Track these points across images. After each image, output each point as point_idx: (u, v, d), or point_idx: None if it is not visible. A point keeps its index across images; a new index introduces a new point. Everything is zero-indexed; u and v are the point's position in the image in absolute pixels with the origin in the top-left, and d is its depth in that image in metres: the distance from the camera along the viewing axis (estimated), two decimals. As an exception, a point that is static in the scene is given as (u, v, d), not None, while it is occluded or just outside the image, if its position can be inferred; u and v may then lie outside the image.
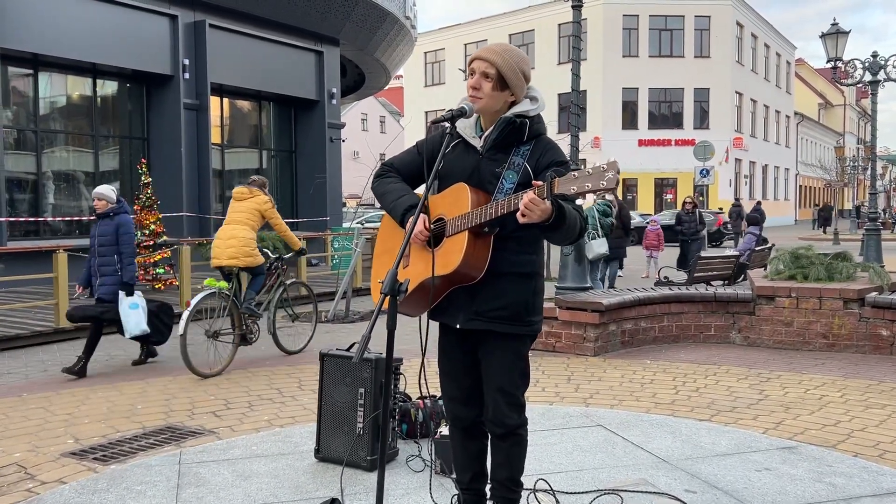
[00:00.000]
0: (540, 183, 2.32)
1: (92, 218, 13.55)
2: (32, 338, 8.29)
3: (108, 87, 15.29)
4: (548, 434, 4.38)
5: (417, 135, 49.18)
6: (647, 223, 16.78)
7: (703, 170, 25.48)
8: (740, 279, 11.40)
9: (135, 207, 12.37)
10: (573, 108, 8.22)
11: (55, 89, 14.47)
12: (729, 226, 28.30)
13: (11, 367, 7.32)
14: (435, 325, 2.80)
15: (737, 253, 11.78)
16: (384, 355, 3.37)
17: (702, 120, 41.75)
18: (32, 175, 13.93)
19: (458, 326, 2.72)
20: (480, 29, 45.68)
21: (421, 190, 2.76)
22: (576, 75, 8.15)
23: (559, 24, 40.45)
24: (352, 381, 3.49)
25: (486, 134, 2.71)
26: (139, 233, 11.96)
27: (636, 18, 40.76)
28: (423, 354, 2.70)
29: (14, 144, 13.74)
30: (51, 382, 6.64)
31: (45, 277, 8.98)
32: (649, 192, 41.27)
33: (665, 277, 10.22)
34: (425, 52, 48.35)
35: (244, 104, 18.22)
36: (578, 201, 2.63)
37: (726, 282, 10.93)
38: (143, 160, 13.00)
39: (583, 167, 2.29)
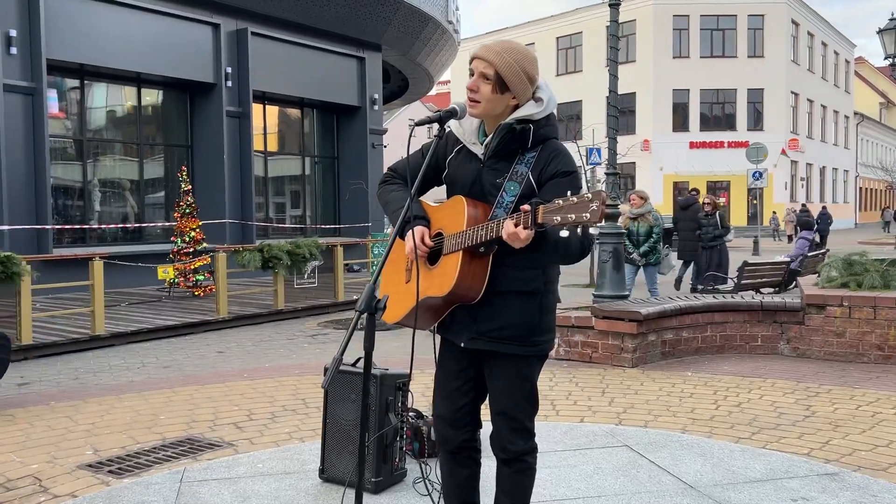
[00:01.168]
0: (527, 208, 2.15)
1: (136, 226, 13.73)
2: (68, 345, 8.35)
3: (153, 96, 15.50)
4: (568, 455, 4.14)
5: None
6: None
7: (755, 172, 24.77)
8: (791, 286, 10.92)
9: (175, 215, 12.47)
10: (610, 111, 7.94)
11: (101, 99, 14.71)
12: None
13: (45, 375, 7.36)
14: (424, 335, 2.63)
15: (787, 259, 11.30)
16: (390, 370, 3.19)
17: (756, 121, 40.70)
18: (79, 183, 14.17)
19: (462, 345, 2.54)
20: (527, 32, 45.35)
21: (427, 196, 2.60)
22: (613, 76, 7.88)
23: (608, 26, 39.96)
24: (357, 398, 3.32)
25: (487, 141, 2.50)
26: (179, 240, 12.07)
27: (686, 19, 39.97)
28: (411, 368, 2.51)
29: (61, 153, 14.00)
30: (80, 391, 6.64)
31: (84, 285, 9.03)
32: (701, 195, 40.31)
33: (710, 284, 9.83)
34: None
35: (286, 111, 18.30)
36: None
37: (776, 289, 10.49)
38: (184, 168, 13.10)
39: (577, 193, 2.07)
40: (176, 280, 12.06)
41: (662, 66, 39.64)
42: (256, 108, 16.68)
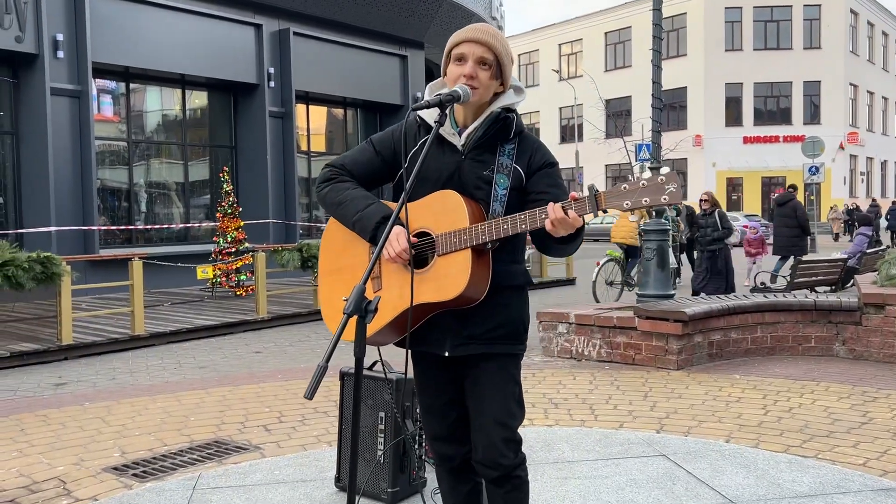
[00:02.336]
0: (577, 196, 2.04)
1: (180, 226, 13.83)
2: (108, 345, 8.39)
3: (197, 98, 15.63)
4: (601, 465, 3.91)
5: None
6: (748, 230, 15.42)
7: (812, 167, 23.96)
8: (849, 285, 10.43)
9: (217, 215, 12.52)
10: (655, 103, 7.65)
11: (146, 101, 14.89)
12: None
13: (83, 375, 7.39)
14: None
15: (845, 256, 10.80)
16: (406, 376, 3.02)
17: (812, 115, 39.50)
18: (125, 185, 14.36)
19: (446, 354, 2.32)
20: (575, 28, 44.85)
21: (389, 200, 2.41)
22: (657, 67, 7.59)
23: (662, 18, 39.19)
24: (374, 404, 3.16)
25: (469, 130, 2.31)
26: (220, 240, 12.11)
27: (739, 11, 38.99)
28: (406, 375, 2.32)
29: (108, 156, 14.20)
30: (115, 391, 6.63)
31: (125, 285, 9.08)
32: (756, 191, 39.35)
33: (762, 283, 9.43)
34: (519, 55, 47.87)
35: (329, 111, 18.30)
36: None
37: (832, 288, 10.02)
38: (225, 168, 13.15)
39: (632, 177, 1.96)
40: (218, 280, 12.11)
41: (714, 60, 38.74)
42: (299, 109, 16.71)
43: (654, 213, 7.93)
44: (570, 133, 43.77)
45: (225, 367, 7.64)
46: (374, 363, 3.32)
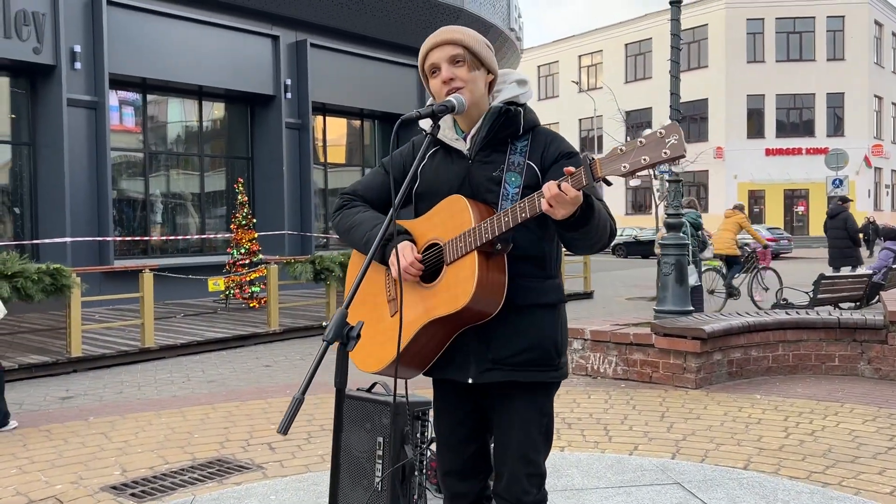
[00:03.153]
0: (573, 169, 1.81)
1: (195, 237, 13.80)
2: (117, 357, 8.33)
3: (214, 109, 15.64)
4: (611, 493, 3.73)
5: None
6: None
7: (835, 180, 23.58)
8: (874, 301, 10.15)
9: (231, 226, 12.47)
10: (673, 115, 7.49)
11: (163, 112, 14.92)
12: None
13: (90, 388, 7.32)
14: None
15: (870, 271, 10.52)
16: (407, 398, 2.88)
17: (836, 127, 39.01)
18: (141, 195, 14.37)
19: (469, 381, 2.14)
20: (594, 40, 44.69)
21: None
22: (675, 77, 7.43)
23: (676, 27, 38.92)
24: (372, 428, 3.02)
25: (472, 132, 2.17)
26: (234, 251, 12.05)
27: (761, 22, 38.67)
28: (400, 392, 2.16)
29: (124, 166, 14.23)
30: (121, 406, 6.55)
31: (135, 297, 9.02)
32: (778, 204, 38.90)
33: (784, 299, 9.19)
34: (538, 66, 47.79)
35: (346, 122, 18.27)
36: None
37: (857, 304, 9.75)
38: (240, 179, 13.12)
39: (631, 139, 1.74)
40: (231, 292, 12.04)
41: (736, 71, 38.42)
42: (316, 120, 16.68)
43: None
44: (589, 144, 43.55)
45: (233, 382, 7.53)
46: (374, 384, 3.19)
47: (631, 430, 5.28)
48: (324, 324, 10.43)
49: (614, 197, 41.13)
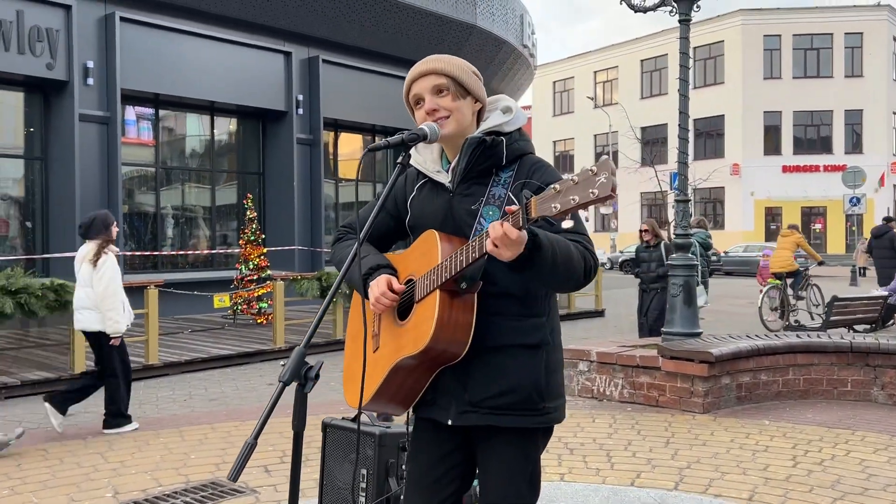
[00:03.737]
0: (514, 208, 1.72)
1: (205, 252, 13.82)
2: (121, 374, 8.26)
3: (226, 124, 15.71)
4: (606, 527, 3.64)
5: (546, 165, 48.45)
6: (761, 256, 14.93)
7: (853, 198, 23.36)
8: (889, 324, 9.96)
9: (240, 242, 12.47)
10: (681, 133, 7.39)
11: (175, 127, 14.99)
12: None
13: (90, 406, 7.26)
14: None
15: (885, 293, 10.33)
16: (391, 428, 2.79)
17: (854, 144, 38.66)
18: (152, 210, 14.41)
19: (449, 422, 2.05)
20: (610, 56, 44.64)
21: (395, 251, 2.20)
22: (684, 96, 7.34)
23: (694, 48, 38.78)
24: (356, 459, 2.93)
25: (452, 164, 2.10)
26: (243, 267, 12.04)
27: (778, 38, 38.47)
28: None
29: (136, 181, 14.28)
30: (120, 424, 6.48)
31: (140, 313, 8.98)
32: (795, 221, 38.26)
33: (796, 321, 9.01)
34: (553, 82, 47.79)
35: (358, 138, 18.28)
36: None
37: (872, 326, 9.56)
38: (249, 196, 13.13)
39: (567, 176, 1.65)
40: (239, 307, 12.02)
41: (753, 88, 38.20)
42: (328, 135, 16.69)
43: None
44: (604, 161, 43.36)
45: (235, 400, 7.47)
46: (358, 414, 3.10)
47: (634, 457, 5.15)
48: (334, 336, 10.36)
49: (629, 211, 40.94)
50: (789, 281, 12.39)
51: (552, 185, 1.67)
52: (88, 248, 6.23)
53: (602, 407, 6.71)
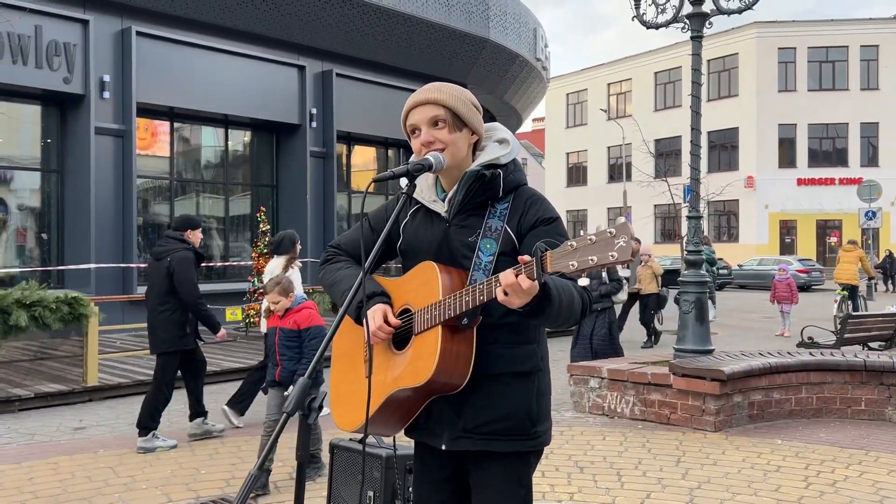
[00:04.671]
0: (527, 259, 1.74)
1: (219, 265, 13.85)
2: (133, 387, 8.32)
3: (240, 137, 15.82)
4: (614, 551, 3.62)
5: (558, 177, 48.49)
6: (777, 270, 14.38)
7: (868, 211, 23.17)
8: (905, 340, 9.85)
9: (253, 255, 12.52)
10: (693, 150, 7.37)
11: (189, 140, 15.11)
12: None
13: (103, 419, 7.31)
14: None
15: (900, 309, 10.23)
16: (398, 451, 2.79)
17: (870, 157, 38.38)
18: (166, 222, 14.51)
19: (443, 448, 2.08)
20: (623, 68, 44.62)
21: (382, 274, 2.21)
22: (696, 113, 7.33)
23: (709, 60, 38.68)
24: (363, 480, 2.94)
25: (449, 195, 2.11)
26: (255, 279, 12.08)
27: (793, 51, 38.32)
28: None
29: (151, 193, 14.39)
30: (132, 438, 6.48)
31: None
32: (810, 235, 38.26)
33: (809, 338, 8.95)
34: (567, 94, 47.80)
35: (372, 151, 18.35)
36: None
37: (887, 344, 9.47)
38: (262, 208, 13.20)
39: (583, 234, 1.65)
40: (252, 320, 12.05)
41: (767, 100, 38.05)
42: (341, 148, 16.77)
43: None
44: (618, 172, 43.32)
45: (247, 415, 7.46)
46: (365, 436, 3.11)
47: (645, 476, 5.13)
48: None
49: (642, 223, 40.80)
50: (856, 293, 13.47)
51: (568, 242, 1.70)
52: (277, 262, 7.02)
53: (613, 424, 6.68)
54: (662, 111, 42.19)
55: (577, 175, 47.51)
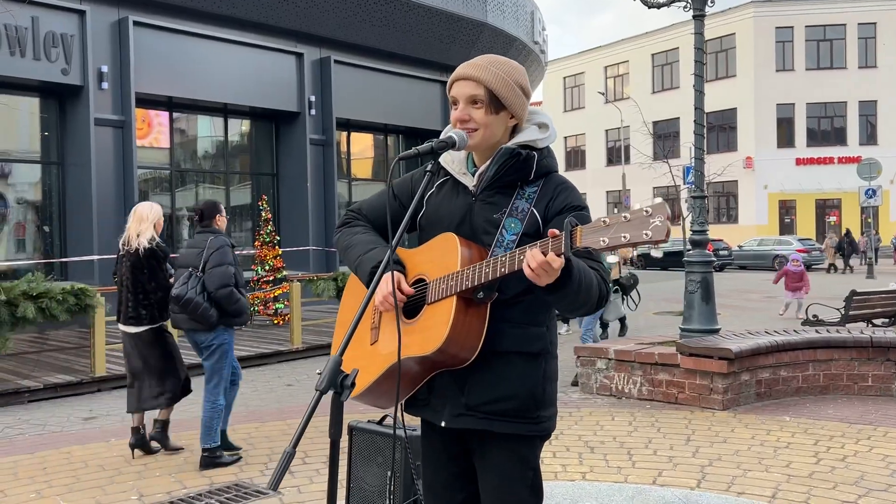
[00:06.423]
0: (557, 232, 1.72)
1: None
2: (141, 377, 8.32)
3: (239, 126, 15.77)
4: (632, 527, 3.64)
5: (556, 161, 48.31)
6: (790, 261, 13.71)
7: (868, 190, 23.15)
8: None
9: (255, 244, 12.53)
10: (697, 129, 7.36)
11: (189, 129, 15.07)
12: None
13: (113, 408, 7.33)
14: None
15: (904, 286, 10.26)
16: (418, 432, 2.80)
17: (869, 135, 38.33)
18: (167, 212, 14.50)
19: (442, 424, 2.05)
20: (621, 50, 44.46)
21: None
22: (699, 92, 7.31)
23: (706, 41, 38.53)
24: (383, 462, 2.95)
25: (480, 170, 2.08)
26: (259, 268, 12.11)
27: (790, 30, 38.18)
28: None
29: (151, 184, 14.37)
30: (142, 427, 6.53)
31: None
32: (810, 214, 38.28)
33: (814, 316, 8.97)
34: (564, 77, 47.65)
35: (371, 137, 18.31)
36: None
37: (891, 320, 9.51)
38: (264, 197, 13.19)
39: (617, 212, 1.64)
40: (256, 308, 12.08)
41: (765, 80, 37.95)
42: (340, 135, 16.74)
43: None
44: (616, 155, 43.28)
45: (255, 402, 7.51)
46: (384, 417, 3.12)
47: (655, 455, 5.15)
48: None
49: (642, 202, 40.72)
50: None
51: (601, 218, 1.67)
52: None
53: (621, 405, 6.71)
54: (660, 93, 42.09)
55: (575, 159, 47.43)
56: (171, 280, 5.47)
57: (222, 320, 5.22)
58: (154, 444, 5.61)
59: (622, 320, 11.06)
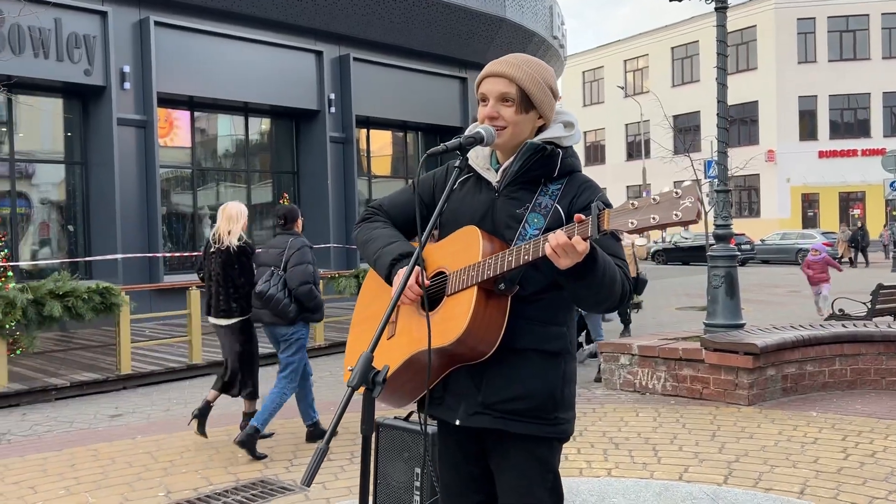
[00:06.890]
0: (583, 217, 1.70)
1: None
2: (166, 374, 8.43)
3: (259, 125, 15.85)
4: (660, 524, 3.62)
5: (577, 156, 48.13)
6: (809, 251, 13.38)
7: (893, 182, 22.84)
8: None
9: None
10: (720, 123, 7.29)
11: (210, 128, 15.16)
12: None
13: (139, 406, 7.41)
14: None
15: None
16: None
17: (893, 127, 37.80)
18: (190, 211, 14.61)
19: (457, 422, 2.02)
20: (640, 44, 44.17)
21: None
22: (722, 85, 7.25)
23: (727, 33, 38.16)
24: (409, 458, 2.96)
25: (505, 165, 2.07)
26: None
27: (812, 21, 37.73)
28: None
29: (173, 182, 14.49)
30: (168, 423, 6.60)
31: (182, 314, 9.13)
32: (833, 207, 37.84)
33: (840, 310, 8.87)
34: (583, 72, 47.44)
35: (390, 134, 18.34)
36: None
37: (920, 314, 9.39)
38: (285, 194, 13.25)
39: (646, 194, 1.63)
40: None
41: (787, 73, 37.55)
42: (360, 133, 16.77)
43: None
44: (636, 149, 43.04)
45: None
46: (411, 413, 3.13)
47: (681, 451, 5.12)
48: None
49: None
50: None
51: (629, 201, 1.65)
52: None
53: (645, 401, 6.67)
54: (680, 87, 41.78)
55: (595, 153, 47.21)
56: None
57: (301, 315, 5.54)
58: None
59: (626, 323, 11.08)
